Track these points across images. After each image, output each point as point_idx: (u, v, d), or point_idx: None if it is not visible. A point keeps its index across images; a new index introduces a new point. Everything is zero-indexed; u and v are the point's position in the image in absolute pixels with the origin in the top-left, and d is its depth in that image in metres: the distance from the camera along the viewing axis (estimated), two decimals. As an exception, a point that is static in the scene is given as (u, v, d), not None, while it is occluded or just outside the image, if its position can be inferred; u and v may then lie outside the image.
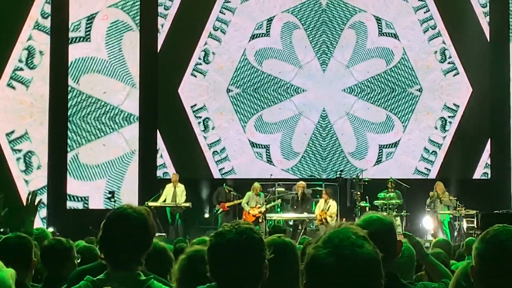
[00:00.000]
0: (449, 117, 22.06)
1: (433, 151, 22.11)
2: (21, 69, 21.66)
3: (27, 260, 4.93)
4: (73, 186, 21.84)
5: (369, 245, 2.44)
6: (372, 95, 22.27)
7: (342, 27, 22.37)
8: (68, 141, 21.89)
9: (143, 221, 3.70)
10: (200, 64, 22.43)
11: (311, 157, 22.25)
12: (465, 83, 22.00)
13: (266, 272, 3.15)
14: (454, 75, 22.15)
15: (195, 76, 22.38)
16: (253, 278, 3.12)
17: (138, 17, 22.17)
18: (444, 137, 22.06)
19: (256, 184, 19.81)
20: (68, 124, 21.89)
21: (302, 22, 22.41)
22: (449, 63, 22.14)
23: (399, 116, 22.18)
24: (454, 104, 22.05)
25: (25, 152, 21.57)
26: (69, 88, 21.92)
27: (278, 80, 22.38)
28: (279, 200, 20.07)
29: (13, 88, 21.58)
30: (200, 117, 22.30)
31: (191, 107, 22.24)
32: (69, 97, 21.92)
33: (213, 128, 22.29)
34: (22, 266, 4.81)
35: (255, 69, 22.43)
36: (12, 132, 21.45)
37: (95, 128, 21.99)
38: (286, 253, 3.73)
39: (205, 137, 22.27)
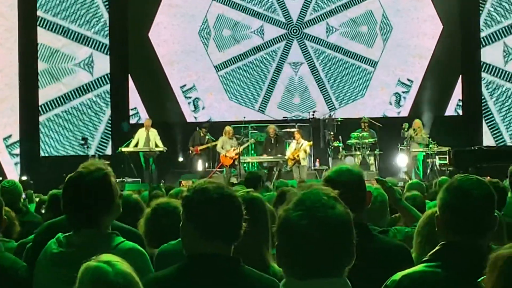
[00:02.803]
0: (423, 55, 22.09)
1: (404, 90, 22.15)
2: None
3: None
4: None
5: (340, 205, 2.44)
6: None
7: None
8: (39, 81, 21.82)
9: (98, 182, 3.70)
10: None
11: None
12: (436, 20, 21.95)
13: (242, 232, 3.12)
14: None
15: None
16: (237, 234, 3.09)
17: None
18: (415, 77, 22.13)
19: (228, 128, 19.75)
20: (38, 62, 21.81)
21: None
22: None
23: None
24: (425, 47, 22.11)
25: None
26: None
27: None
28: (253, 139, 20.05)
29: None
30: (172, 61, 22.23)
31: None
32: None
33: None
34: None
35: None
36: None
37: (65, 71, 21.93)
38: (255, 209, 3.72)
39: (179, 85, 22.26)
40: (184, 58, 22.27)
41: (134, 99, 22.12)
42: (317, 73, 22.24)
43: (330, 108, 21.76)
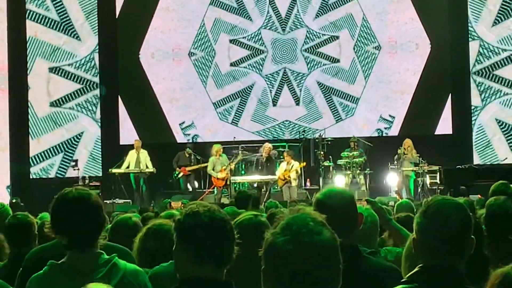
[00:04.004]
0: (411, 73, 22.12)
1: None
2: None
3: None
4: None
5: (327, 231, 2.43)
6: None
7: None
8: (29, 109, 21.79)
9: (97, 202, 3.73)
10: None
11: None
12: (425, 39, 22.04)
13: (235, 253, 3.15)
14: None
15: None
16: (227, 258, 3.12)
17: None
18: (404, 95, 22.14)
19: (216, 146, 19.56)
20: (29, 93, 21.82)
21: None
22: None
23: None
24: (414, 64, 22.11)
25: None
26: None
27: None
28: (241, 155, 19.92)
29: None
30: (162, 84, 22.24)
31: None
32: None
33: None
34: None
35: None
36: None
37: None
38: (262, 234, 3.75)
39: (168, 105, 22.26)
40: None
41: (124, 120, 22.07)
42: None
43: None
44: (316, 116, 22.12)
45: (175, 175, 20.24)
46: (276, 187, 19.45)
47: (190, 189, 19.99)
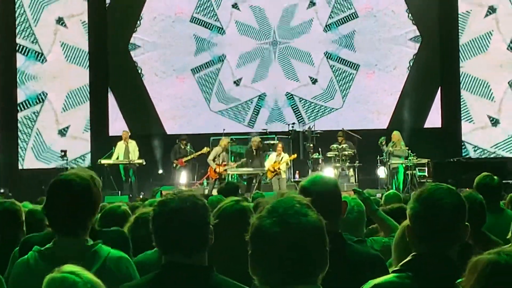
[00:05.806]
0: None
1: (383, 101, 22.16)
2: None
3: None
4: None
5: (313, 213, 2.46)
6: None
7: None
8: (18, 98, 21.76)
9: (86, 187, 3.67)
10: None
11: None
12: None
13: (211, 237, 3.15)
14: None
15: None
16: (198, 245, 3.12)
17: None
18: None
19: (226, 140, 19.43)
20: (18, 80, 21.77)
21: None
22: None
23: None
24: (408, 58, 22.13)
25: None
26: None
27: None
28: (244, 160, 19.85)
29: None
30: (150, 73, 22.19)
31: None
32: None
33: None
34: None
35: None
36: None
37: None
38: (244, 219, 3.74)
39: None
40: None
41: (114, 111, 22.02)
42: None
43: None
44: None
45: (174, 167, 20.18)
46: (265, 179, 19.41)
47: (184, 181, 19.86)
